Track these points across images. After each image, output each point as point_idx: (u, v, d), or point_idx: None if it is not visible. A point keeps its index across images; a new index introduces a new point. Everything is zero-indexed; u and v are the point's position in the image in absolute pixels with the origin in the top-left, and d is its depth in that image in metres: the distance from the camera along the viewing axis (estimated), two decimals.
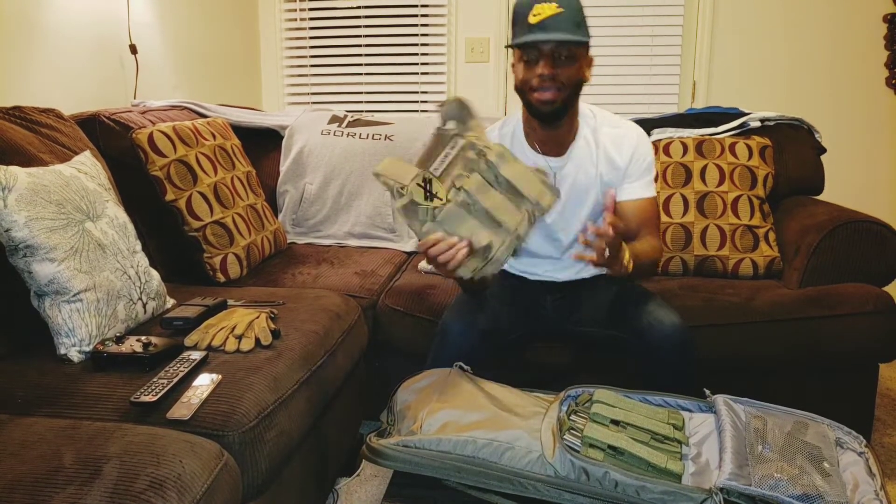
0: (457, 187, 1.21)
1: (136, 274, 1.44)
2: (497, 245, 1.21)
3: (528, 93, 1.46)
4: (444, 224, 1.20)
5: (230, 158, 2.08)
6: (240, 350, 1.31)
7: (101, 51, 2.13)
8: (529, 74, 1.43)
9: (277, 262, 2.09)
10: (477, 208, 1.21)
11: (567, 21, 1.39)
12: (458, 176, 1.23)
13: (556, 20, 1.38)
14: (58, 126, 1.64)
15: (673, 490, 0.98)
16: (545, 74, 1.40)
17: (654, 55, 2.90)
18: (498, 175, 1.23)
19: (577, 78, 1.44)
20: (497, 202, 1.22)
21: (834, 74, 2.81)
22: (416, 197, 1.20)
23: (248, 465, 1.10)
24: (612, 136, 1.55)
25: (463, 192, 1.21)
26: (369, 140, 2.39)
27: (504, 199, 1.23)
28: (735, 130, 2.18)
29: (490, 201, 1.21)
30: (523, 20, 1.40)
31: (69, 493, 0.85)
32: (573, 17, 1.40)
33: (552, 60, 1.40)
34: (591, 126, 1.56)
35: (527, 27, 1.40)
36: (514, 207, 1.23)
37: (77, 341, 1.27)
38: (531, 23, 1.39)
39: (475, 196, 1.21)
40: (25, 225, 1.22)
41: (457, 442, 1.09)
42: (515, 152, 1.52)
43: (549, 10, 1.37)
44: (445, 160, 1.24)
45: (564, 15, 1.38)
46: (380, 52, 3.11)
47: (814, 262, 1.83)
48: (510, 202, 1.23)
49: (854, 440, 1.13)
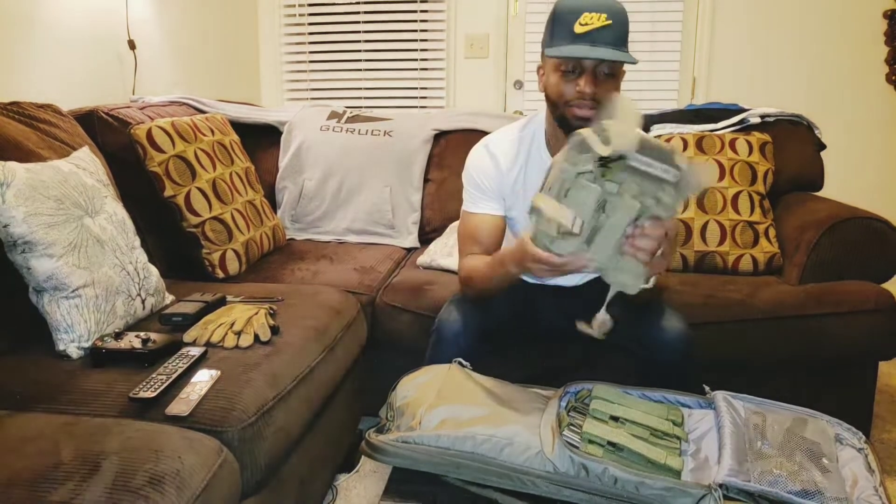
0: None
1: (135, 270, 1.44)
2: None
3: (562, 106, 1.37)
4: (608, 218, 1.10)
5: (229, 154, 2.08)
6: (239, 346, 1.31)
7: (99, 46, 2.12)
8: (567, 88, 1.34)
9: (276, 259, 2.09)
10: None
11: (615, 35, 1.30)
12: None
13: (605, 33, 1.29)
14: (56, 122, 1.64)
15: (672, 486, 0.97)
16: (587, 92, 1.31)
17: (653, 51, 2.90)
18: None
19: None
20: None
21: (834, 71, 2.80)
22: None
23: (246, 461, 1.09)
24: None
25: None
26: (368, 136, 2.39)
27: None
28: (735, 126, 2.18)
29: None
30: (567, 27, 1.30)
31: (68, 489, 0.85)
32: (621, 30, 1.31)
33: (594, 77, 1.32)
34: None
35: (571, 36, 1.30)
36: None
37: (76, 337, 1.27)
38: (577, 32, 1.29)
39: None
40: (24, 221, 1.22)
41: (456, 438, 1.09)
42: (533, 157, 1.49)
43: (598, 21, 1.28)
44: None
45: (613, 28, 1.29)
46: (379, 48, 3.10)
47: (814, 258, 1.83)
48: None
49: (853, 436, 1.13)
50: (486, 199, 1.50)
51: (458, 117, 2.48)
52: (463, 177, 1.54)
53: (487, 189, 1.50)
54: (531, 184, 1.47)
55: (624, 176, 1.10)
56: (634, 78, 2.87)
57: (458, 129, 2.42)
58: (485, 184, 1.50)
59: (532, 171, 1.48)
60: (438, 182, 2.39)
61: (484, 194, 1.50)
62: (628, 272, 1.13)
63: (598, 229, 1.12)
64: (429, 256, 2.05)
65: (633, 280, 1.14)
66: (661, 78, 2.92)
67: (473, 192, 1.52)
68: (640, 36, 2.88)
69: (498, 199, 1.50)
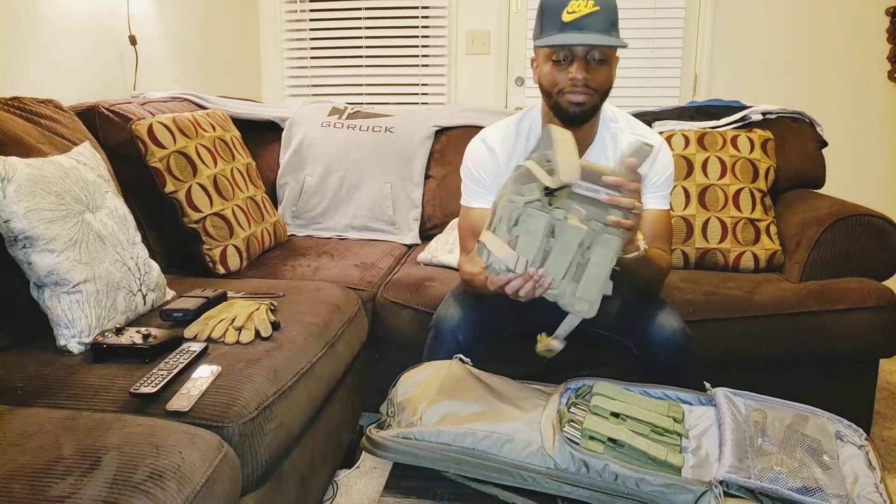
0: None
1: (136, 265, 1.44)
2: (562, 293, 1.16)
3: (556, 94, 1.37)
4: (557, 242, 1.13)
5: (230, 150, 2.08)
6: (239, 342, 1.31)
7: (100, 42, 2.12)
8: (560, 76, 1.35)
9: (277, 255, 2.09)
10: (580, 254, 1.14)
11: (604, 21, 1.30)
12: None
13: (593, 19, 1.29)
14: (57, 117, 1.64)
15: (672, 483, 0.97)
16: (578, 79, 1.32)
17: (655, 48, 2.89)
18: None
19: (609, 82, 1.38)
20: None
21: (836, 68, 2.79)
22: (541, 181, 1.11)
23: (247, 457, 1.10)
24: (633, 143, 1.46)
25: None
26: (369, 132, 2.39)
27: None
28: (737, 123, 2.18)
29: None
30: (555, 16, 1.31)
31: (69, 484, 0.85)
32: (609, 16, 1.31)
33: (585, 63, 1.33)
34: (612, 131, 1.49)
35: (559, 25, 1.31)
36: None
37: (77, 332, 1.27)
38: (565, 21, 1.30)
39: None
40: (24, 216, 1.22)
41: (456, 434, 1.09)
42: (530, 148, 1.50)
43: (586, 7, 1.29)
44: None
45: (601, 14, 1.29)
46: (380, 45, 3.10)
47: (815, 255, 1.83)
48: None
49: (854, 433, 1.13)
50: (485, 193, 1.50)
51: (460, 114, 2.48)
52: (461, 171, 1.54)
53: (485, 182, 1.50)
54: None
55: (570, 202, 1.14)
56: (636, 74, 2.88)
57: (459, 125, 2.42)
58: (483, 177, 1.50)
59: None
60: (439, 178, 2.39)
61: (482, 188, 1.50)
62: (584, 299, 1.16)
63: (548, 253, 1.14)
64: (429, 253, 2.05)
65: (588, 306, 1.16)
66: (663, 75, 2.91)
67: (472, 187, 1.52)
68: (641, 32, 2.87)
69: (496, 191, 1.50)
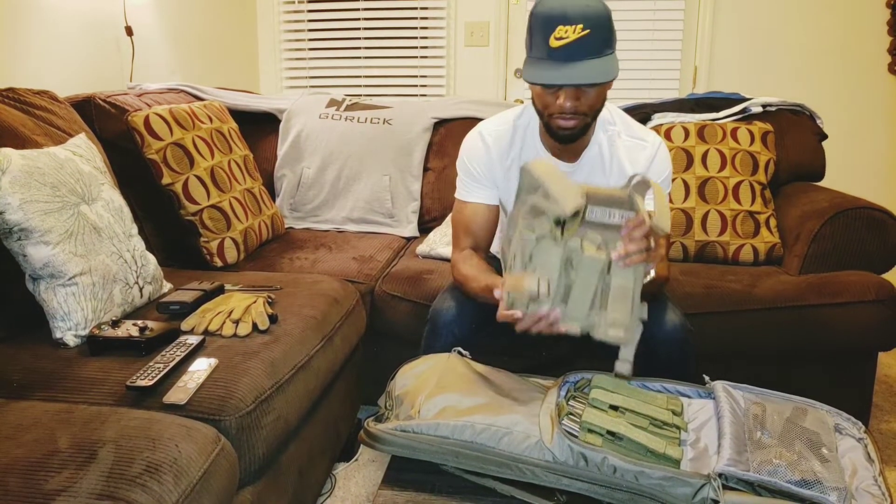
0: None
1: (133, 258, 1.43)
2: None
3: (546, 116, 1.34)
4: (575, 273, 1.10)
5: (227, 142, 2.07)
6: (237, 335, 1.30)
7: (96, 32, 2.10)
8: (549, 99, 1.30)
9: (275, 247, 2.08)
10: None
11: (594, 44, 1.21)
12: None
13: (582, 45, 1.20)
14: (52, 108, 1.62)
15: (671, 476, 0.97)
16: (567, 107, 1.27)
17: (655, 40, 2.87)
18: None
19: (601, 102, 1.32)
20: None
21: (836, 60, 2.78)
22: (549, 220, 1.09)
23: (244, 450, 1.09)
24: (629, 146, 1.44)
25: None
26: (367, 124, 2.37)
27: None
28: (736, 116, 2.17)
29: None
30: (543, 39, 1.23)
31: (64, 477, 0.84)
32: (601, 34, 1.22)
33: (574, 91, 1.26)
34: (609, 134, 1.45)
35: (546, 49, 1.23)
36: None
37: (73, 325, 1.27)
38: (552, 47, 1.21)
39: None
40: (20, 207, 1.21)
41: (455, 427, 1.09)
42: (527, 146, 1.47)
43: (574, 33, 1.20)
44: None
45: (590, 37, 1.20)
46: (379, 36, 3.08)
47: (814, 248, 1.82)
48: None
49: (853, 426, 1.13)
50: (479, 187, 1.49)
51: (458, 106, 2.46)
52: (457, 163, 1.53)
53: (479, 176, 1.49)
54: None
55: (584, 230, 1.12)
56: (635, 66, 2.87)
57: (458, 117, 2.41)
58: (476, 170, 1.49)
59: (526, 159, 1.46)
60: (438, 171, 2.38)
61: (476, 181, 1.49)
62: (618, 324, 1.12)
63: (570, 286, 1.12)
64: (428, 245, 2.04)
65: (624, 332, 1.12)
66: (663, 67, 2.90)
67: (465, 180, 1.51)
68: (641, 24, 2.86)
69: (490, 186, 1.49)
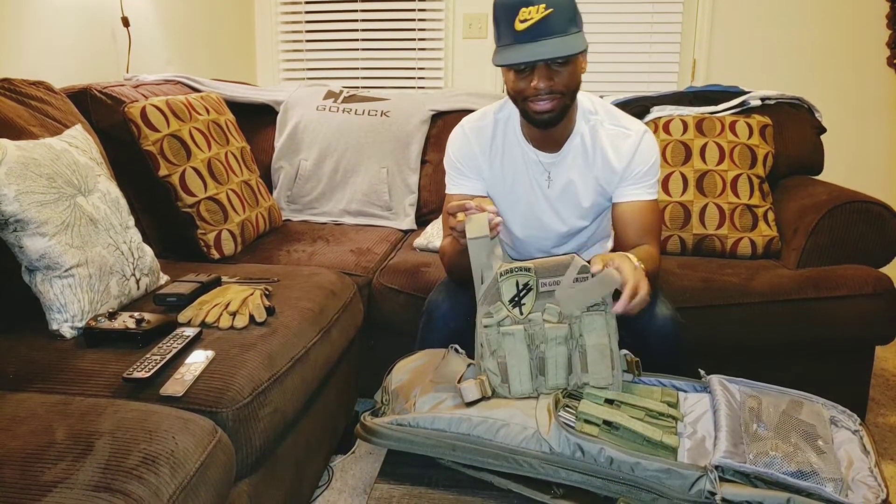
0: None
1: (129, 250, 1.42)
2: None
3: (521, 102, 1.33)
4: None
5: (224, 134, 2.06)
6: (234, 327, 1.30)
7: (92, 23, 2.09)
8: (522, 84, 1.30)
9: (272, 239, 2.07)
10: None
11: (558, 21, 1.22)
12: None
13: (546, 24, 1.21)
14: (48, 99, 1.61)
15: (668, 468, 0.97)
16: (541, 87, 1.27)
17: (653, 33, 2.86)
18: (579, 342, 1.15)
19: (575, 82, 1.31)
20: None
21: (835, 53, 2.78)
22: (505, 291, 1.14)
23: (241, 443, 1.09)
24: (612, 135, 1.43)
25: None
26: (365, 116, 2.37)
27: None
28: (735, 109, 2.16)
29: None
30: (508, 25, 1.24)
31: (61, 469, 0.84)
32: (564, 13, 1.23)
33: (547, 69, 1.26)
34: (591, 123, 1.43)
35: (512, 34, 1.24)
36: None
37: (69, 317, 1.26)
38: (517, 30, 1.22)
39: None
40: (15, 199, 1.20)
41: (451, 420, 1.09)
42: (509, 139, 1.47)
43: (537, 13, 1.20)
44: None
45: (554, 15, 1.21)
46: (377, 27, 3.06)
47: (812, 242, 1.82)
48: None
49: (848, 419, 1.13)
50: (464, 179, 1.50)
51: (456, 98, 2.46)
52: (443, 161, 1.54)
53: (464, 168, 1.49)
54: (508, 167, 1.48)
55: (542, 303, 1.14)
56: (634, 59, 2.86)
57: (456, 109, 2.39)
58: (460, 162, 1.49)
59: (509, 153, 1.48)
60: (435, 163, 2.37)
61: (461, 174, 1.50)
62: (603, 381, 1.16)
63: (543, 359, 1.15)
64: (425, 238, 2.04)
65: (613, 381, 1.16)
66: (661, 60, 2.89)
67: (451, 173, 1.52)
68: (640, 17, 2.84)
69: (476, 177, 1.50)
